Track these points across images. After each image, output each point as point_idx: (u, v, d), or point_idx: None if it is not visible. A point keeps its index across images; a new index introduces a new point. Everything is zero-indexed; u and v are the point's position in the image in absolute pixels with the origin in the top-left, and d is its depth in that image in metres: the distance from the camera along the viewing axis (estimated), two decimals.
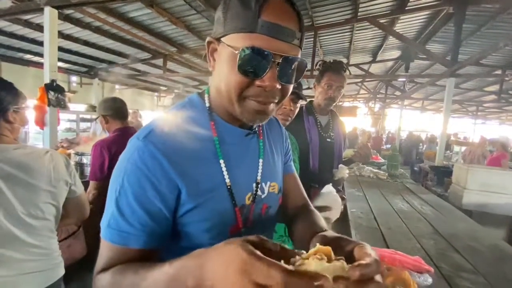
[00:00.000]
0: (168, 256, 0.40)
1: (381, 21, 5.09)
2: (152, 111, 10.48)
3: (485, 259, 1.38)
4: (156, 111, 10.83)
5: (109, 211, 0.49)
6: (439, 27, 5.49)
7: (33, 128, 3.80)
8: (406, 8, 4.89)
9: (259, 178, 0.61)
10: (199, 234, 0.53)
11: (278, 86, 0.49)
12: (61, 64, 6.37)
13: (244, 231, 0.57)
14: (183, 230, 0.53)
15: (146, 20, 4.73)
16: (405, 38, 5.32)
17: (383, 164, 4.30)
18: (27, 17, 4.36)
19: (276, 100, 0.53)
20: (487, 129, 17.51)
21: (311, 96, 1.85)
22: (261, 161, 0.62)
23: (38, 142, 4.40)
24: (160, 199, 0.48)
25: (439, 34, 5.83)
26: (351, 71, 1.75)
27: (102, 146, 1.71)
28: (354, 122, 11.47)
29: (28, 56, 6.07)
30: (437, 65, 7.30)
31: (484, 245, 1.57)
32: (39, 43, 5.12)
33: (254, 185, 0.60)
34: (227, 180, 0.55)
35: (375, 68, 9.36)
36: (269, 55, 0.46)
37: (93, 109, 6.08)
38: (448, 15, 4.88)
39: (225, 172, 0.55)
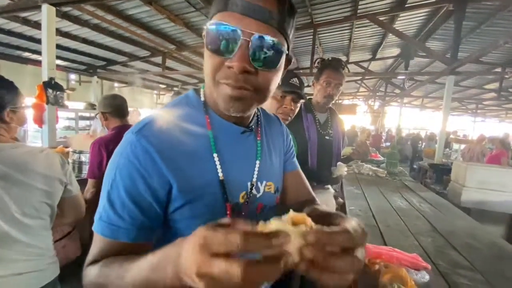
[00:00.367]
0: None
1: (381, 18, 5.07)
2: (151, 109, 10.47)
3: (483, 257, 1.39)
4: (155, 109, 10.82)
5: (101, 204, 0.49)
6: (439, 24, 5.49)
7: (32, 126, 3.78)
8: (406, 6, 4.88)
9: (254, 180, 0.60)
10: (191, 231, 0.52)
11: (249, 68, 0.46)
12: (59, 62, 6.35)
13: None
14: (174, 226, 0.53)
15: (144, 17, 4.71)
16: (405, 36, 5.31)
17: (382, 162, 4.31)
18: (25, 14, 4.33)
19: (252, 88, 0.49)
20: (487, 127, 17.55)
21: (309, 94, 1.85)
22: (258, 162, 0.61)
23: (36, 140, 4.38)
24: (151, 194, 0.48)
25: (439, 32, 5.82)
26: (350, 69, 1.75)
27: (100, 144, 1.70)
28: (353, 120, 11.48)
29: (26, 54, 6.05)
30: (437, 63, 7.29)
31: (482, 242, 1.57)
32: (37, 41, 5.11)
33: (249, 184, 0.59)
34: (220, 175, 0.53)
35: (374, 66, 9.34)
36: (236, 31, 0.44)
37: (92, 107, 6.06)
38: (448, 12, 4.87)
39: (218, 167, 0.54)
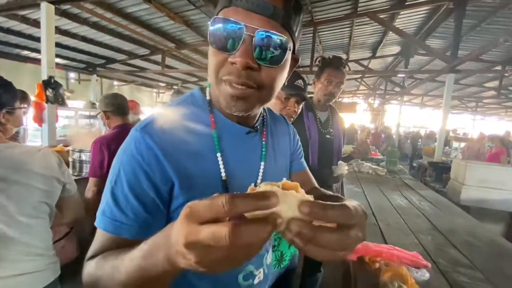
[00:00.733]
0: None
1: (381, 16, 5.06)
2: (151, 107, 10.45)
3: (482, 255, 1.39)
4: (155, 107, 10.82)
5: (104, 200, 0.49)
6: (439, 22, 5.47)
7: (32, 125, 3.77)
8: (406, 3, 4.87)
9: (258, 181, 0.59)
10: None
11: (252, 64, 0.45)
12: (59, 60, 6.33)
13: None
14: None
15: (144, 15, 4.69)
16: (405, 34, 5.29)
17: (382, 160, 4.32)
18: (24, 12, 4.30)
19: (255, 85, 0.48)
20: (486, 125, 17.56)
21: (310, 92, 1.85)
22: (262, 163, 0.61)
23: (36, 139, 4.37)
24: (154, 190, 0.48)
25: (439, 30, 5.80)
26: (350, 66, 1.75)
27: (102, 143, 1.71)
28: (353, 118, 11.48)
29: (25, 52, 6.02)
30: (437, 61, 7.28)
31: (482, 240, 1.58)
32: (36, 39, 5.08)
33: (253, 185, 0.59)
34: (222, 174, 0.53)
35: (374, 64, 9.33)
36: (239, 26, 0.44)
37: (92, 105, 6.05)
38: (448, 10, 4.85)
39: (221, 166, 0.53)
